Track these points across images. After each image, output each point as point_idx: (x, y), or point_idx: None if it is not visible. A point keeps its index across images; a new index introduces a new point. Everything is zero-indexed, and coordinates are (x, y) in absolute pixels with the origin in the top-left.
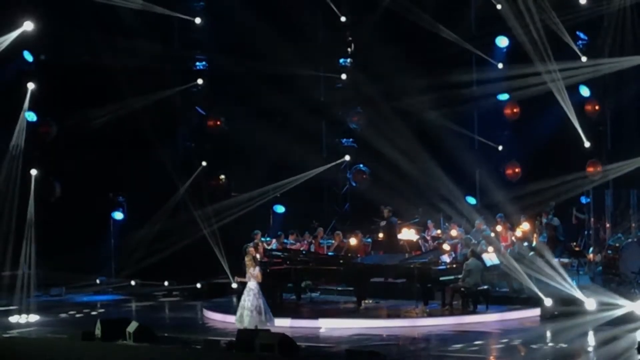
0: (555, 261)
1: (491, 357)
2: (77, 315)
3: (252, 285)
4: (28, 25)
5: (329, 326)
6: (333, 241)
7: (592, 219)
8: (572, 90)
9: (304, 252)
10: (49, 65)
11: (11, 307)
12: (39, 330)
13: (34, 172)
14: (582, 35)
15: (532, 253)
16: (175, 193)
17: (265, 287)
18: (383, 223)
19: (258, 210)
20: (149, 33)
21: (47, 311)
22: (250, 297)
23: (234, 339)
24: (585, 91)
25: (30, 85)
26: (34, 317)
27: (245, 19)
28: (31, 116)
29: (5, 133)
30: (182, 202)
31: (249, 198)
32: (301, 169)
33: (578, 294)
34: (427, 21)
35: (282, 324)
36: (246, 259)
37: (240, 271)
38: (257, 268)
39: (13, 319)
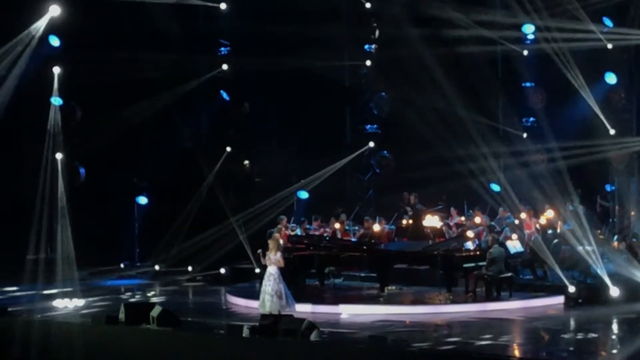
0: (580, 248)
1: (514, 345)
2: (101, 299)
3: (272, 270)
4: (55, 10)
5: (352, 312)
6: (357, 227)
7: (616, 207)
8: (598, 77)
9: (327, 238)
10: (73, 50)
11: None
12: (69, 313)
13: (59, 156)
14: (607, 22)
15: (556, 240)
16: (198, 178)
17: (288, 273)
18: (410, 210)
19: (281, 195)
20: (173, 19)
21: (77, 295)
22: (271, 282)
23: (257, 324)
24: (611, 79)
25: (56, 70)
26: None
27: (269, 5)
28: (57, 101)
29: (31, 117)
30: (206, 187)
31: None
32: (325, 155)
33: (603, 281)
34: (452, 8)
35: (303, 309)
36: (270, 243)
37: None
38: (279, 253)
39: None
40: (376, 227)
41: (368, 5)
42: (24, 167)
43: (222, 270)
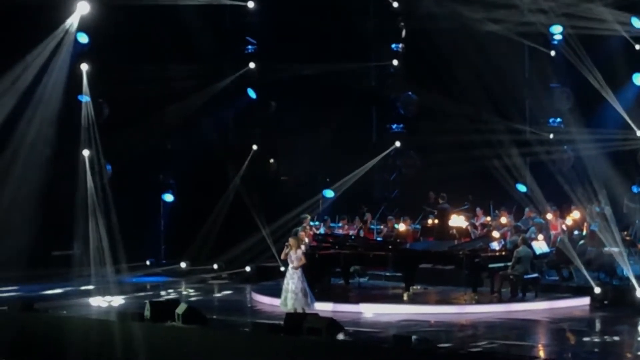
0: (606, 249)
1: (539, 346)
2: (127, 296)
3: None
4: (84, 7)
5: (375, 311)
6: (382, 227)
7: None
8: (625, 79)
9: (352, 237)
10: (100, 48)
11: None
12: (94, 310)
13: (86, 153)
14: (636, 23)
15: (582, 242)
16: (224, 175)
17: (313, 272)
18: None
19: (307, 194)
20: (200, 17)
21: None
22: (295, 280)
23: (281, 322)
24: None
25: (84, 67)
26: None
27: (296, 4)
28: (84, 98)
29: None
30: (233, 186)
31: (298, 182)
32: (351, 154)
33: (630, 282)
34: (479, 7)
35: (325, 308)
36: (291, 240)
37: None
38: (300, 251)
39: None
40: (401, 227)
41: (395, 4)
42: (53, 163)
43: (248, 269)
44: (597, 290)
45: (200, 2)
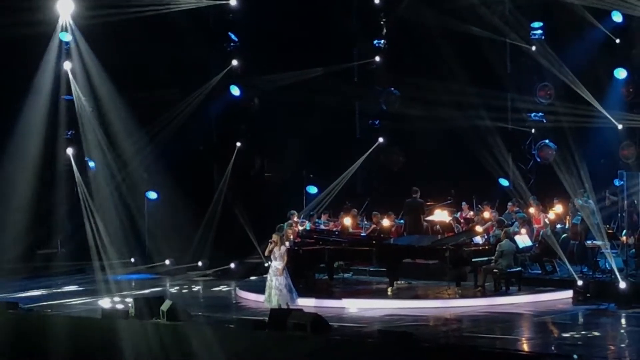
0: (588, 243)
1: (523, 339)
2: (111, 294)
3: (278, 264)
4: (69, 5)
5: (361, 306)
6: (371, 223)
7: (625, 202)
8: (607, 74)
9: (336, 232)
10: (85, 46)
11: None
12: (80, 308)
13: (70, 150)
14: (616, 17)
15: (565, 235)
16: (208, 173)
17: (297, 267)
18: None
19: (291, 190)
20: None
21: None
22: (278, 276)
23: (266, 318)
24: (622, 73)
25: (68, 65)
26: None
27: (279, 1)
28: (69, 96)
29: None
30: (217, 183)
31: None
32: (335, 149)
33: (612, 275)
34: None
35: (308, 303)
36: (275, 236)
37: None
38: (284, 248)
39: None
40: (385, 222)
41: (377, 0)
42: (39, 162)
43: (232, 265)
44: (580, 283)
45: (184, 5)
